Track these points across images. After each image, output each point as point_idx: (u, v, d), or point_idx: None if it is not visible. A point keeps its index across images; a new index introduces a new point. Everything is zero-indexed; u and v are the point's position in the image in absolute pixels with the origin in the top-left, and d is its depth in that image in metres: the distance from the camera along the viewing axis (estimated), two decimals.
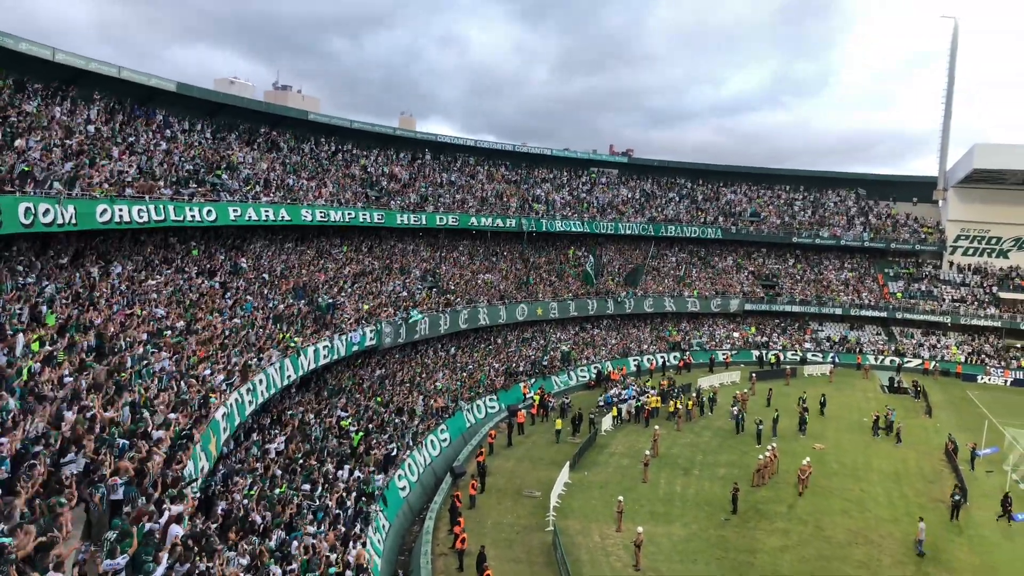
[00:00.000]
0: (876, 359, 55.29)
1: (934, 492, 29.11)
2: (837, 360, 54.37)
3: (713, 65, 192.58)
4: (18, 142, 22.51)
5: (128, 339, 19.99)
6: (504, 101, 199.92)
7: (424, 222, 46.32)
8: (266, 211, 33.36)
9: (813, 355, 55.69)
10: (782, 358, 54.35)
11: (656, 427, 34.89)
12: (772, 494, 28.42)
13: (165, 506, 13.28)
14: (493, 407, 38.81)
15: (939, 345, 56.62)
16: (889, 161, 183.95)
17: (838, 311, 58.72)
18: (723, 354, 54.50)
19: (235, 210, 31.21)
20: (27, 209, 19.68)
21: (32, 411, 13.65)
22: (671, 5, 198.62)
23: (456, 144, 56.29)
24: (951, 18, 61.03)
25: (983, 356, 54.60)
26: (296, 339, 28.29)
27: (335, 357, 31.01)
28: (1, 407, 13.21)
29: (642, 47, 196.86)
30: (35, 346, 16.28)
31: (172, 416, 17.06)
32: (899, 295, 59.40)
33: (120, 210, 23.92)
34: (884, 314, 58.19)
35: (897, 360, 54.54)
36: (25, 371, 14.89)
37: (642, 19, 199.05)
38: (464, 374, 40.45)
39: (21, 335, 16.06)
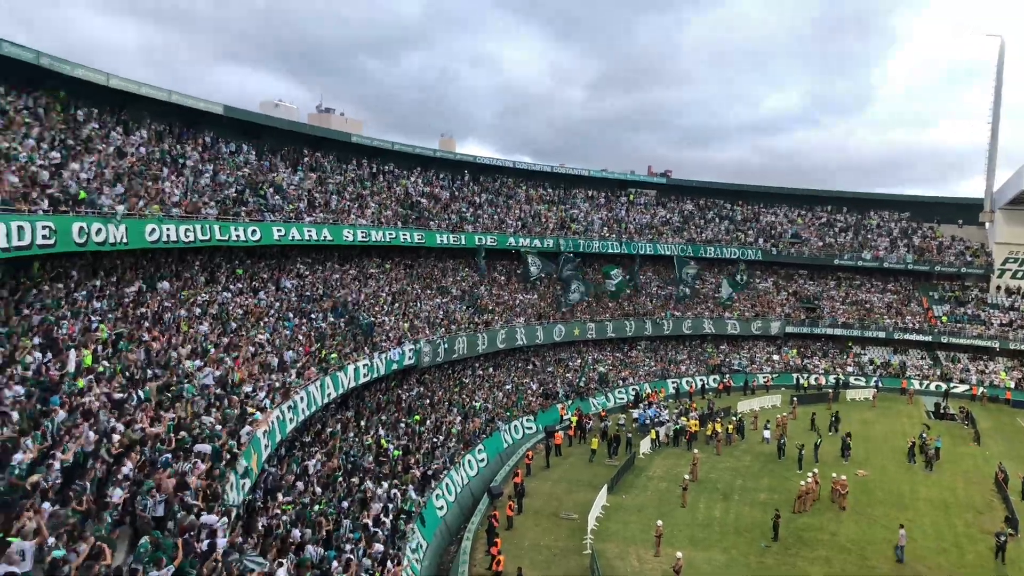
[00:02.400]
0: (921, 384, 54.11)
1: (984, 523, 28.29)
2: (880, 384, 53.31)
3: (748, 84, 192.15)
4: (73, 165, 23.23)
5: (174, 356, 20.42)
6: (539, 121, 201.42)
7: (463, 242, 46.71)
8: (309, 231, 33.94)
9: (856, 379, 54.72)
10: (831, 381, 53.44)
11: (695, 451, 34.54)
12: (814, 521, 27.90)
13: (207, 520, 13.52)
14: (530, 428, 38.74)
15: (987, 370, 55.26)
16: (932, 181, 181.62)
17: (881, 334, 57.62)
18: (764, 377, 53.82)
19: (279, 230, 31.83)
20: (80, 229, 20.28)
21: (81, 425, 14.02)
22: (704, 23, 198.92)
23: (495, 165, 56.67)
24: (997, 36, 60.09)
25: None
26: (336, 357, 28.61)
27: (375, 375, 31.28)
28: (53, 420, 13.59)
29: (675, 66, 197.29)
30: (87, 360, 16.70)
31: (216, 432, 17.37)
32: (944, 319, 58.20)
33: (168, 230, 24.55)
34: (929, 338, 56.96)
35: (943, 385, 53.31)
36: (79, 384, 15.29)
37: (675, 38, 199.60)
38: (501, 394, 40.48)
39: (73, 351, 16.49)
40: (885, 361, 57.11)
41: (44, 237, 18.75)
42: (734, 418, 41.40)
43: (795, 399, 46.94)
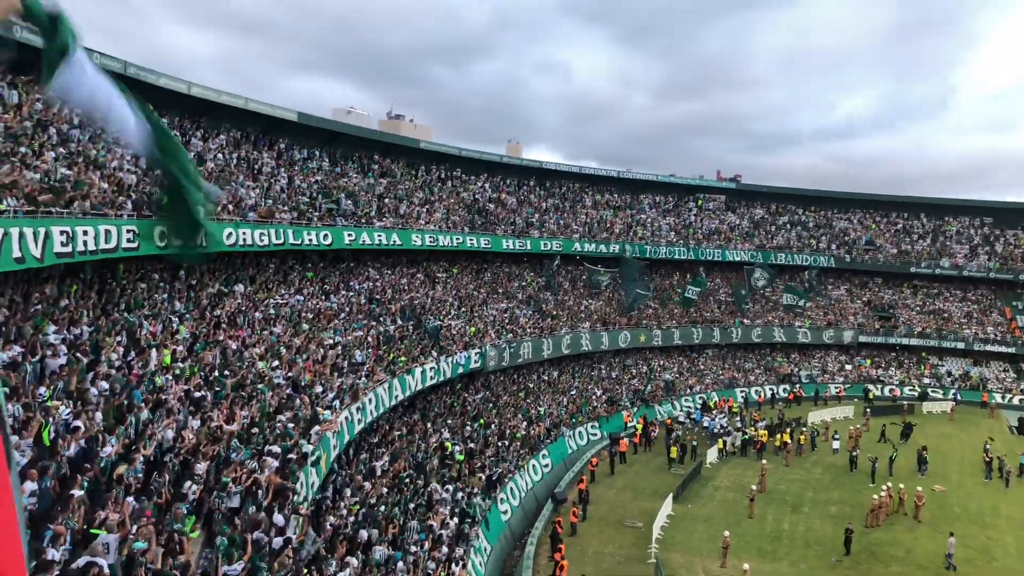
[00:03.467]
0: (1003, 397, 51.93)
1: None
2: (959, 397, 51.34)
3: (820, 88, 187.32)
4: (156, 171, 24.12)
5: (248, 356, 21.03)
6: (606, 127, 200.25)
7: (529, 247, 46.87)
8: (379, 235, 34.59)
9: (933, 391, 52.84)
10: (906, 392, 51.73)
11: (763, 461, 33.89)
12: (888, 536, 27.09)
13: (277, 519, 13.90)
14: (595, 434, 38.60)
15: None
16: (1016, 187, 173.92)
17: (960, 345, 55.43)
18: (836, 387, 52.45)
19: (350, 234, 32.52)
20: (162, 232, 21.05)
21: (161, 422, 14.59)
22: (773, 28, 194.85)
23: (561, 171, 56.70)
24: None
25: None
26: (404, 360, 29.04)
27: (441, 379, 31.63)
28: (137, 417, 14.16)
29: (745, 71, 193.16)
30: (167, 359, 17.35)
31: (287, 431, 17.83)
32: None
33: (244, 233, 25.30)
34: (1012, 349, 54.55)
35: None
36: (158, 382, 15.89)
37: (744, 43, 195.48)
38: (566, 399, 40.45)
39: (155, 350, 17.15)
40: (964, 373, 55.02)
41: (128, 240, 19.52)
42: (804, 429, 40.45)
43: (868, 411, 45.63)
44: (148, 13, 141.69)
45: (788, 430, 39.10)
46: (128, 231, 19.60)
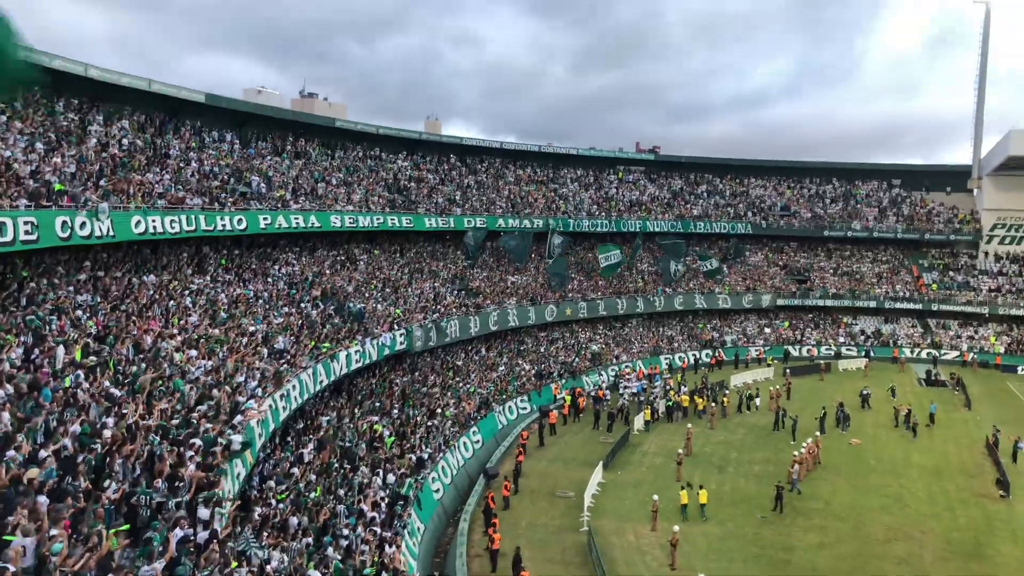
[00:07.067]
0: (912, 352, 54.46)
1: (976, 486, 28.67)
2: (872, 354, 53.61)
3: (733, 56, 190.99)
4: (55, 159, 23.00)
5: (164, 348, 20.30)
6: (524, 101, 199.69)
7: (452, 225, 46.57)
8: (296, 219, 33.76)
9: (847, 349, 55.03)
10: (823, 352, 53.73)
11: (689, 425, 34.69)
12: (809, 490, 28.11)
13: (201, 513, 13.51)
14: (525, 408, 38.83)
15: (976, 336, 55.65)
16: (921, 150, 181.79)
17: (872, 304, 57.87)
18: (756, 350, 54.04)
19: (265, 218, 31.66)
20: (64, 223, 20.11)
21: (72, 420, 13.95)
22: None
23: (482, 147, 56.44)
24: (982, 3, 59.98)
25: (1023, 347, 53.54)
26: (328, 344, 28.52)
27: (367, 362, 31.21)
28: (46, 418, 13.51)
29: (659, 39, 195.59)
30: (78, 355, 16.57)
31: (209, 422, 17.32)
32: (934, 286, 58.45)
33: (153, 221, 24.40)
34: (919, 306, 57.24)
35: (934, 352, 53.67)
36: (67, 380, 15.19)
37: (657, 10, 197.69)
38: (495, 375, 40.51)
39: (62, 347, 16.37)
40: (876, 331, 57.40)
41: (27, 232, 18.58)
42: (727, 392, 41.54)
43: (788, 371, 47.17)
44: None
45: (710, 394, 40.15)
46: (26, 223, 18.66)
